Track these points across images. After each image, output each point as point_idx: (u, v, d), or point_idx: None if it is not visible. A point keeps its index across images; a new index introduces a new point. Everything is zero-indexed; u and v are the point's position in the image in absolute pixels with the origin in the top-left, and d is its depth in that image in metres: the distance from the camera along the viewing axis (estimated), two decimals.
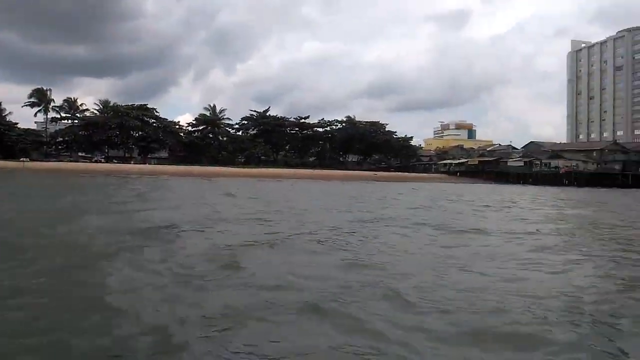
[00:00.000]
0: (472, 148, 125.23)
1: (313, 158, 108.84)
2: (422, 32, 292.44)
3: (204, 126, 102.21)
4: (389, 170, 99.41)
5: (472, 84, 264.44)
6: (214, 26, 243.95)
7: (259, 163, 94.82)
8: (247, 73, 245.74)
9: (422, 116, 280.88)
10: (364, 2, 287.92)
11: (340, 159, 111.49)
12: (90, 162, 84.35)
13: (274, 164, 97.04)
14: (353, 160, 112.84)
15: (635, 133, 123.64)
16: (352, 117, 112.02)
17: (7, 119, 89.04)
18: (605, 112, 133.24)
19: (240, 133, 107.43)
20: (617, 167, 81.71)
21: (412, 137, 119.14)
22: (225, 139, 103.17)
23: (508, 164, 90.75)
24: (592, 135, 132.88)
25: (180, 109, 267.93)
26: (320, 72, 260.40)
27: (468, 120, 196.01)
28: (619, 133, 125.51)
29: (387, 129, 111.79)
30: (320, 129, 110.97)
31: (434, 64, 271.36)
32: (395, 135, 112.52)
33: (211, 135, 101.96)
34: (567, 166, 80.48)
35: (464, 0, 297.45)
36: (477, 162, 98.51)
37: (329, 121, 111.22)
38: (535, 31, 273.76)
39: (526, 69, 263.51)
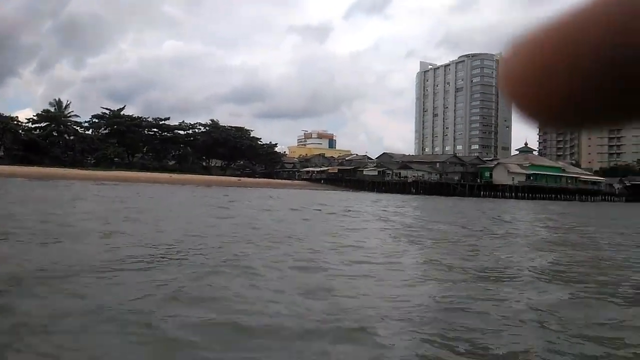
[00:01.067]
0: (332, 157, 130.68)
1: (174, 162, 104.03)
2: (286, 42, 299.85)
3: (48, 123, 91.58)
4: (253, 176, 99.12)
5: (333, 95, 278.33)
6: (63, 15, 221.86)
7: (112, 165, 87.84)
8: (99, 68, 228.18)
9: (286, 124, 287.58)
10: (227, 6, 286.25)
11: (204, 163, 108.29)
12: None
13: (129, 166, 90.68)
14: (217, 165, 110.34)
15: (472, 148, 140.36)
16: (216, 121, 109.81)
17: None
18: (447, 128, 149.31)
19: (90, 132, 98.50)
20: (456, 177, 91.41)
21: (276, 144, 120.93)
22: (72, 137, 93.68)
23: (364, 173, 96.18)
24: (436, 149, 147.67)
25: (20, 103, 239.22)
26: (182, 73, 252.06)
27: (329, 130, 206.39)
28: (459, 147, 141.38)
29: (252, 135, 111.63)
30: (182, 132, 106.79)
31: (297, 74, 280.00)
32: (260, 141, 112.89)
33: (56, 134, 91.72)
34: (414, 176, 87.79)
35: (326, 15, 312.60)
36: (336, 171, 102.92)
37: (191, 124, 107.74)
38: (390, 51, 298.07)
39: (381, 85, 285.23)
